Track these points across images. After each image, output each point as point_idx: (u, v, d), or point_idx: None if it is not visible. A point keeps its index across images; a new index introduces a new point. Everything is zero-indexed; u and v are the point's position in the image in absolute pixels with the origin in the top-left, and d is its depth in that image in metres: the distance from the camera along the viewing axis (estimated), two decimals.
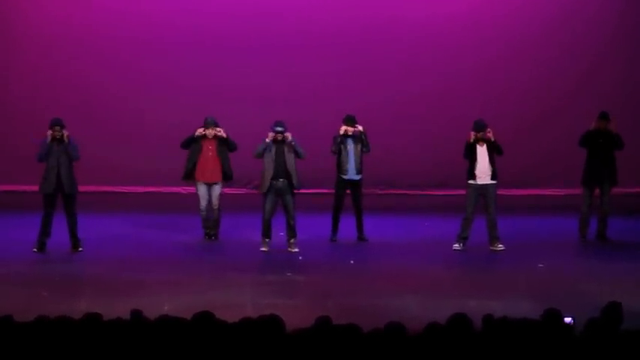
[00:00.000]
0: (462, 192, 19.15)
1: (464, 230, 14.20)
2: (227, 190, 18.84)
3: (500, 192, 14.51)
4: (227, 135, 14.85)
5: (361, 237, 14.85)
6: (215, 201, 14.84)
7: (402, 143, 19.14)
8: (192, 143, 14.90)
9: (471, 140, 14.14)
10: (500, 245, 14.13)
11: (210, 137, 14.82)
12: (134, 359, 6.68)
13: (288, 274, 12.64)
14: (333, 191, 14.95)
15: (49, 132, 13.85)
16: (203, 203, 14.89)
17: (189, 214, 16.78)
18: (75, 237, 13.96)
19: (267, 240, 14.14)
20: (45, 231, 13.86)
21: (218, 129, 14.83)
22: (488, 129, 14.18)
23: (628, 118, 17.83)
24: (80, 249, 13.94)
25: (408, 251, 14.31)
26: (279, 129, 14.09)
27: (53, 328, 6.92)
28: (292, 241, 14.14)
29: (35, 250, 13.84)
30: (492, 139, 14.16)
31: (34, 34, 19.80)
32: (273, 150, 14.08)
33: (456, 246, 14.21)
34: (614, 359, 6.70)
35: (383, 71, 19.73)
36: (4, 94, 19.88)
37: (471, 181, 14.23)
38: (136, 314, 7.36)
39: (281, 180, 14.09)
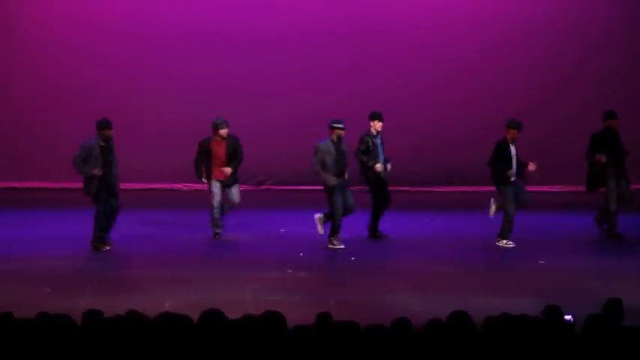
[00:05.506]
0: (466, 189, 19.30)
1: (509, 228, 14.19)
2: None
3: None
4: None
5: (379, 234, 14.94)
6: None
7: (406, 140, 19.11)
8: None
9: (509, 139, 14.19)
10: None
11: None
12: (135, 357, 6.69)
13: (289, 270, 12.65)
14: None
15: (106, 132, 13.80)
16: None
17: (190, 211, 16.82)
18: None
19: (339, 235, 14.17)
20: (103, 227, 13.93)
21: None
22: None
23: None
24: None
25: (409, 248, 14.33)
26: (341, 126, 14.09)
27: (54, 325, 6.92)
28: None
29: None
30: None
31: (34, 33, 19.79)
32: (333, 148, 14.11)
33: (511, 243, 14.23)
34: (615, 356, 6.70)
35: (384, 66, 19.79)
36: (6, 91, 19.89)
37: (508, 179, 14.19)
38: (134, 313, 7.35)
39: (343, 177, 14.17)
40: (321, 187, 14.58)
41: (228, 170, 14.67)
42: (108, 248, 13.83)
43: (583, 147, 15.12)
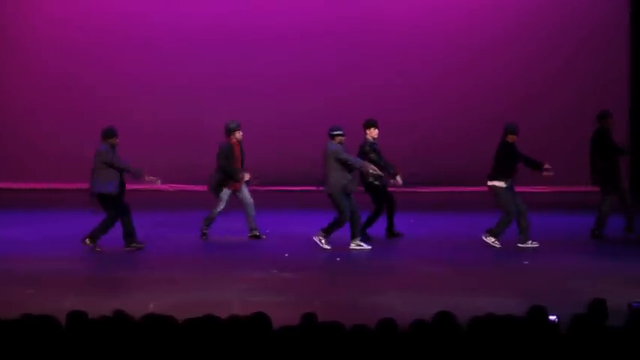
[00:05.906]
0: (454, 189, 19.35)
1: (504, 229, 14.20)
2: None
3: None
4: None
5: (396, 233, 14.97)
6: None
7: (405, 139, 19.16)
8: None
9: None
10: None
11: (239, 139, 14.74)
12: (119, 358, 6.68)
13: (274, 271, 12.64)
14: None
15: (113, 140, 13.88)
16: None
17: (176, 212, 16.83)
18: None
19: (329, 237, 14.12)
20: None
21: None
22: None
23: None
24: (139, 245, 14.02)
25: (395, 248, 14.35)
26: (342, 132, 14.00)
27: (38, 326, 6.91)
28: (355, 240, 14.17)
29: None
30: None
31: (28, 35, 19.81)
32: None
33: (497, 243, 14.20)
34: (599, 356, 6.72)
35: (385, 66, 19.87)
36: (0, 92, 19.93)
37: (508, 182, 14.19)
38: (119, 314, 7.35)
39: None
40: (310, 188, 14.60)
41: (247, 176, 14.72)
42: (99, 250, 13.83)
43: (574, 144, 15.15)
